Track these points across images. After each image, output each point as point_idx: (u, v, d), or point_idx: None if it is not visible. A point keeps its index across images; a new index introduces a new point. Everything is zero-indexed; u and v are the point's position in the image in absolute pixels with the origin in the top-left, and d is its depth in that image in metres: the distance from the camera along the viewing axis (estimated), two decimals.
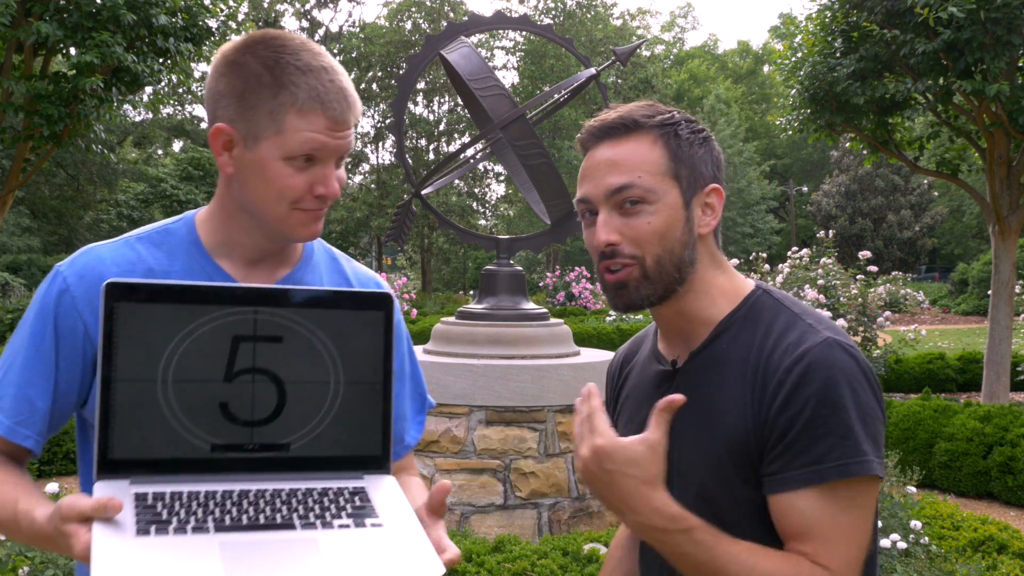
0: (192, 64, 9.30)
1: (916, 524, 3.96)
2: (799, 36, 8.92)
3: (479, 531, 4.47)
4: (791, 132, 9.48)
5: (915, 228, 36.63)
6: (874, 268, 10.05)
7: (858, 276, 9.83)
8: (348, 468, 1.14)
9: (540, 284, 21.85)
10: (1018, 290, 9.89)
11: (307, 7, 37.98)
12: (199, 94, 37.72)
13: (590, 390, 1.10)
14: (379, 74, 31.84)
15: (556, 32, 5.83)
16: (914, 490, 4.58)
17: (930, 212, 37.21)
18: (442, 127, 33.48)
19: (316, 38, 35.34)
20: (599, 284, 1.27)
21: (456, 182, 29.53)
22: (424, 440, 4.59)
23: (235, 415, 1.08)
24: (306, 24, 37.68)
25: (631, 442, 1.06)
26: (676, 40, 55.43)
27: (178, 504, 1.01)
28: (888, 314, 9.73)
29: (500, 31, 25.11)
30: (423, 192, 5.59)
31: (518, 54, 32.13)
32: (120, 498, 0.96)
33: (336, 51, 33.15)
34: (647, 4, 79.83)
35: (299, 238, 1.26)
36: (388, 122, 28.73)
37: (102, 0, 7.85)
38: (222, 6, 9.08)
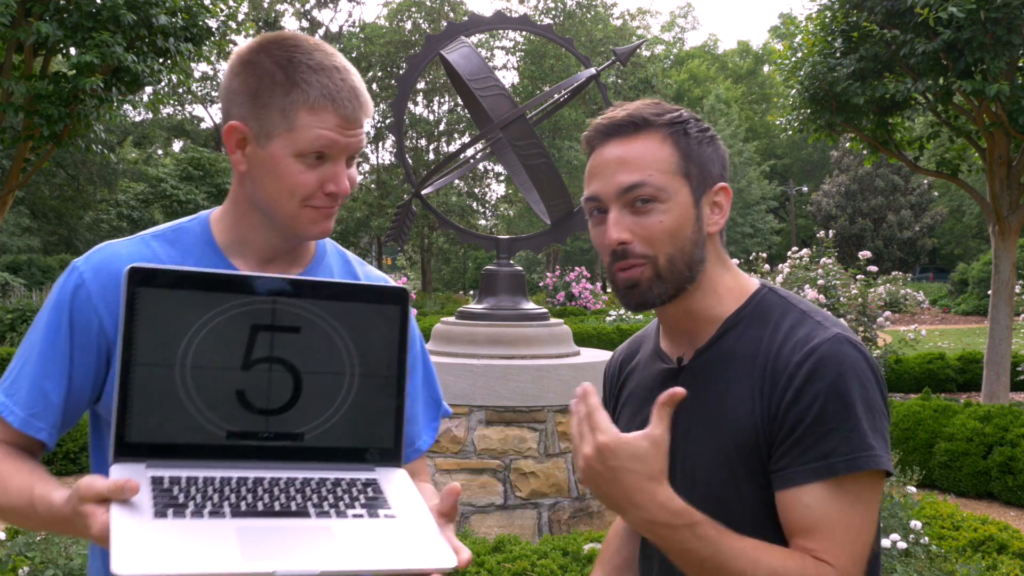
0: (192, 64, 9.30)
1: (916, 524, 3.96)
2: (799, 36, 8.92)
3: (479, 531, 4.47)
4: (791, 132, 9.48)
5: (915, 228, 36.63)
6: (874, 268, 10.05)
7: (858, 276, 9.83)
8: (360, 460, 1.15)
9: (540, 284, 21.83)
10: (1018, 290, 9.89)
11: (307, 7, 38.00)
12: (199, 94, 37.82)
13: (586, 389, 1.09)
14: (379, 74, 31.84)
15: (556, 32, 5.83)
16: (914, 490, 4.58)
17: (930, 212, 37.21)
18: (442, 127, 33.49)
19: (316, 38, 35.27)
20: (608, 283, 1.26)
21: (456, 182, 29.53)
22: None
23: (251, 403, 1.10)
24: (306, 24, 37.71)
25: (634, 437, 1.05)
26: (676, 40, 55.45)
27: (194, 489, 1.02)
28: (888, 314, 9.73)
29: (500, 31, 25.12)
30: (423, 192, 5.59)
31: (518, 54, 32.15)
32: (137, 481, 0.97)
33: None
34: (647, 4, 79.85)
35: (310, 235, 1.27)
36: (388, 122, 28.72)
37: (102, 0, 7.85)
38: (222, 6, 9.08)
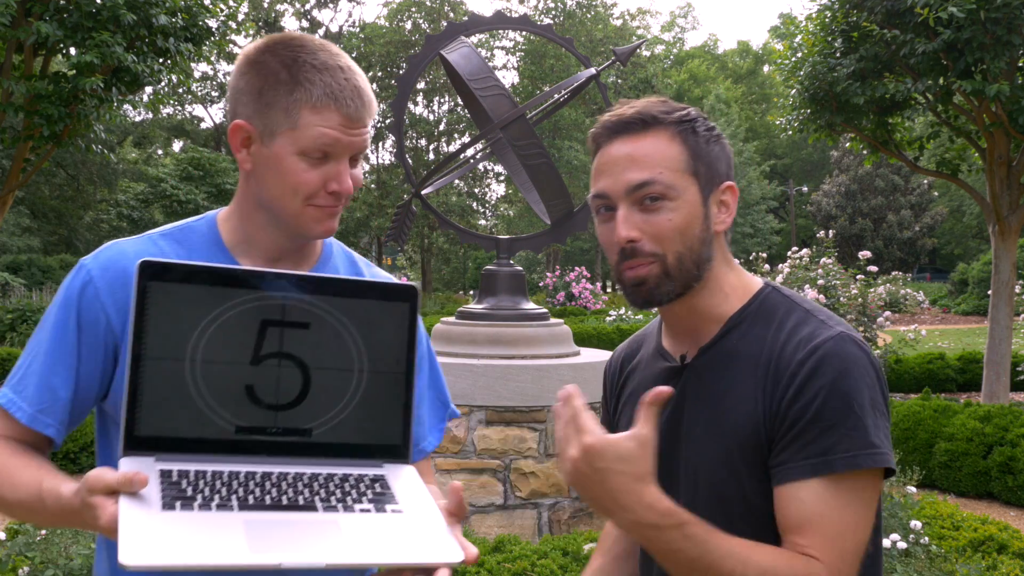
0: (192, 64, 9.31)
1: (916, 524, 3.96)
2: (799, 36, 8.92)
3: (479, 531, 4.47)
4: (791, 132, 9.48)
5: (915, 228, 36.62)
6: (874, 268, 10.05)
7: (858, 276, 9.82)
8: (368, 456, 1.15)
9: (540, 284, 21.84)
10: (1018, 290, 9.88)
11: (307, 7, 38.01)
12: (199, 94, 37.82)
13: (569, 392, 1.08)
14: (379, 74, 31.84)
15: (556, 32, 5.83)
16: (914, 490, 4.58)
17: (930, 212, 37.20)
18: (442, 127, 33.49)
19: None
20: (615, 280, 1.25)
21: (456, 182, 29.53)
22: None
23: (260, 398, 1.10)
24: (306, 24, 37.70)
25: (621, 438, 1.04)
26: (676, 40, 55.46)
27: (203, 482, 1.02)
28: (888, 314, 9.73)
29: (500, 31, 25.11)
30: (423, 192, 5.59)
31: (518, 54, 32.16)
32: (145, 474, 0.98)
33: None
34: (647, 4, 79.87)
35: (314, 234, 1.27)
36: (388, 122, 28.71)
37: (102, 0, 7.85)
38: (222, 6, 9.08)
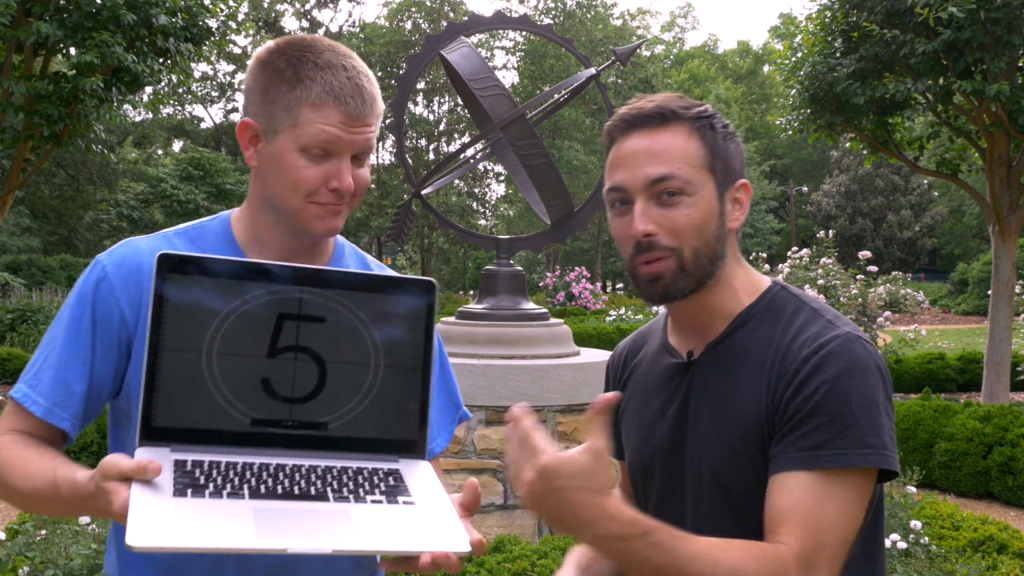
0: (192, 64, 9.30)
1: (916, 524, 3.96)
2: (799, 36, 8.92)
3: (479, 531, 4.47)
4: (791, 132, 9.48)
5: (915, 228, 36.63)
6: (874, 268, 10.06)
7: (858, 276, 9.83)
8: (384, 451, 1.15)
9: (540, 284, 21.84)
10: (1018, 290, 9.88)
11: (307, 7, 38.01)
12: (199, 94, 37.80)
13: (515, 414, 1.05)
14: (379, 74, 31.84)
15: (556, 32, 5.83)
16: (914, 490, 4.59)
17: (930, 212, 37.21)
18: (442, 127, 33.50)
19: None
20: (628, 275, 1.25)
21: (456, 182, 29.53)
22: None
23: (276, 391, 1.11)
24: (306, 24, 37.71)
25: (575, 454, 1.01)
26: (676, 40, 55.46)
27: (216, 472, 1.03)
28: (888, 314, 9.74)
29: (500, 31, 25.11)
30: (423, 192, 5.59)
31: (518, 54, 32.17)
32: (159, 462, 0.99)
33: None
34: (647, 4, 79.87)
35: (316, 232, 1.27)
36: (388, 122, 28.67)
37: (102, 0, 7.85)
38: (222, 6, 9.08)
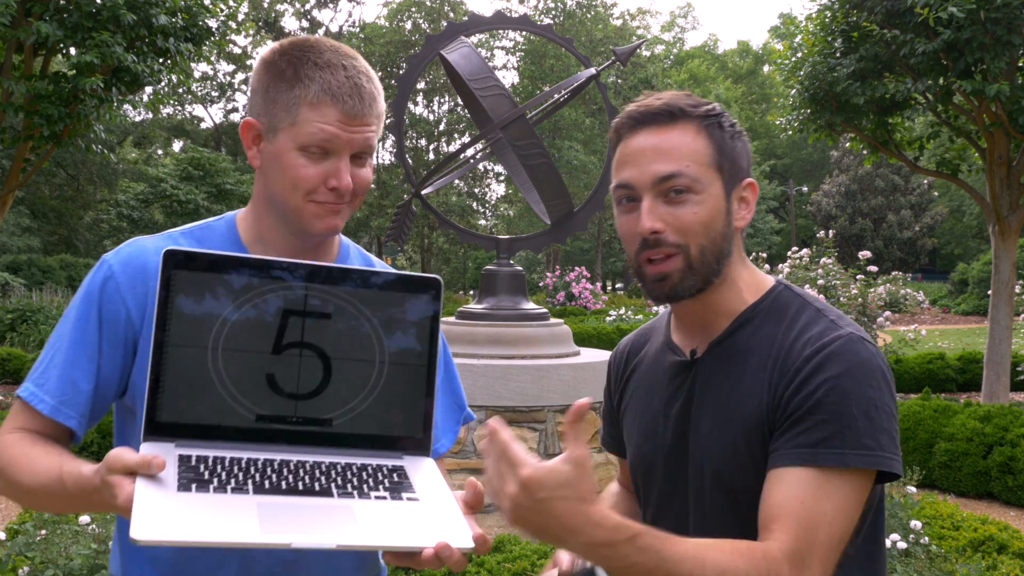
0: (192, 64, 9.30)
1: (916, 524, 3.96)
2: (799, 36, 8.92)
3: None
4: (791, 132, 9.48)
5: (915, 228, 36.64)
6: (874, 268, 10.06)
7: (858, 276, 9.83)
8: (389, 448, 1.15)
9: (540, 284, 21.84)
10: (1018, 290, 9.88)
11: (307, 7, 38.01)
12: (199, 94, 37.79)
13: (492, 428, 1.03)
14: (379, 74, 31.79)
15: (556, 32, 5.83)
16: (914, 490, 4.59)
17: (930, 212, 37.21)
18: (442, 127, 33.50)
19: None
20: (633, 273, 1.24)
21: (456, 182, 29.53)
22: None
23: (281, 387, 1.11)
24: (306, 24, 37.71)
25: (556, 464, 1.00)
26: (676, 40, 55.45)
27: (220, 467, 1.04)
28: (888, 314, 9.74)
29: (500, 31, 25.11)
30: (423, 192, 5.59)
31: (518, 54, 32.16)
32: (163, 457, 0.99)
33: None
34: (647, 4, 79.87)
35: (316, 231, 1.28)
36: (388, 122, 28.70)
37: (102, 0, 7.85)
38: (222, 6, 9.07)
